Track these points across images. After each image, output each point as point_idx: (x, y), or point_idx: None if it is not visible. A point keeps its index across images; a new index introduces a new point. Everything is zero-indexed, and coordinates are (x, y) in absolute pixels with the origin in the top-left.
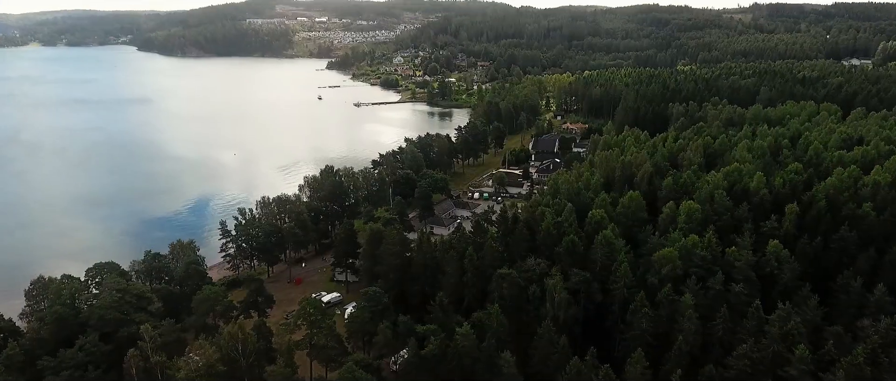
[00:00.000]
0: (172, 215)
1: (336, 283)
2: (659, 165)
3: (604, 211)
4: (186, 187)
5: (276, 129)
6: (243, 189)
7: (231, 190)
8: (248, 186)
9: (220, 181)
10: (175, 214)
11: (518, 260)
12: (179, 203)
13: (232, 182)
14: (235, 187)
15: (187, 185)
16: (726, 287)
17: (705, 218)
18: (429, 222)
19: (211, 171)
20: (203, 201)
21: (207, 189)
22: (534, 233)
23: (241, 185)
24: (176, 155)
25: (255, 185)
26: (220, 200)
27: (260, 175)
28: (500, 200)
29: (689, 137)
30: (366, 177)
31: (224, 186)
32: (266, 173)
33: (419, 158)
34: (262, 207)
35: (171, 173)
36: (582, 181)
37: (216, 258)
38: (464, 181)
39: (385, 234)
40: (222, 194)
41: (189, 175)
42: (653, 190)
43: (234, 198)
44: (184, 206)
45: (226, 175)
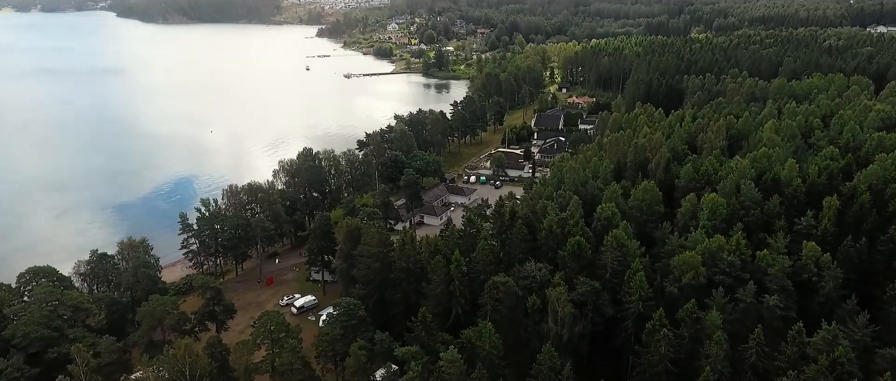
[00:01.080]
0: (137, 202)
1: (312, 283)
2: (676, 149)
3: (614, 205)
4: (157, 169)
5: (258, 103)
6: (218, 172)
7: (205, 173)
8: (224, 169)
9: (194, 163)
10: (141, 201)
11: (516, 264)
12: (147, 188)
13: (207, 164)
14: (210, 170)
15: (158, 166)
16: (758, 299)
17: (731, 214)
18: (419, 211)
19: (185, 151)
20: (173, 185)
21: (179, 172)
22: (534, 231)
23: (216, 167)
24: (148, 132)
25: (232, 167)
26: (192, 184)
27: (237, 156)
28: (499, 184)
29: (709, 115)
30: (349, 160)
31: (198, 168)
32: (243, 154)
33: (410, 138)
34: (228, 196)
35: (142, 153)
36: (589, 168)
37: (179, 255)
38: (459, 162)
39: (363, 231)
40: (196, 178)
41: (161, 155)
42: (669, 179)
43: (208, 182)
44: (152, 191)
45: (201, 156)
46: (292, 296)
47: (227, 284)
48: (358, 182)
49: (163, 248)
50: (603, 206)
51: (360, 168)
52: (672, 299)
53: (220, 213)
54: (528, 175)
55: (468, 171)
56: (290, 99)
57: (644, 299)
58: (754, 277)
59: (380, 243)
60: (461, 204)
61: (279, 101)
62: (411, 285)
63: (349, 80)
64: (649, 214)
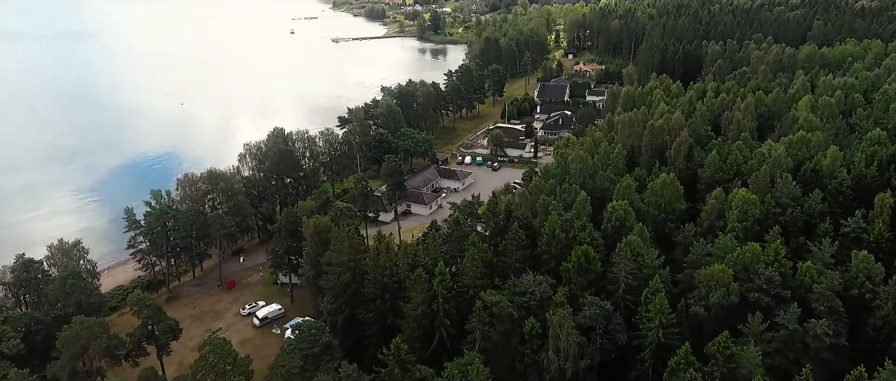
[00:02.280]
0: (93, 188)
1: (279, 287)
2: (698, 131)
3: (627, 203)
4: (118, 148)
5: (235, 73)
6: (186, 152)
7: (171, 153)
8: (192, 149)
9: (160, 141)
10: (96, 185)
11: (511, 275)
12: (104, 170)
13: (174, 143)
14: (177, 150)
15: (120, 144)
16: (803, 324)
17: (766, 214)
18: (406, 199)
19: (152, 127)
20: (134, 168)
21: (144, 152)
22: (533, 234)
23: (184, 147)
24: (113, 104)
25: (201, 146)
26: (154, 167)
27: (207, 134)
28: (497, 165)
29: (734, 89)
30: (328, 140)
31: (164, 147)
32: (215, 132)
33: (397, 114)
34: (183, 186)
35: (103, 129)
36: (598, 155)
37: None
38: (454, 140)
39: (332, 232)
40: (160, 159)
41: (124, 132)
42: (691, 168)
43: (172, 164)
44: (109, 175)
45: (169, 133)
46: (255, 304)
47: (182, 288)
48: (337, 165)
49: (117, 243)
50: (614, 204)
51: (340, 149)
52: (698, 322)
53: (173, 207)
54: (530, 155)
55: (463, 150)
56: (270, 68)
57: (665, 325)
58: (795, 293)
59: (351, 248)
60: (454, 189)
61: (258, 70)
62: (387, 303)
63: (337, 45)
64: (668, 212)
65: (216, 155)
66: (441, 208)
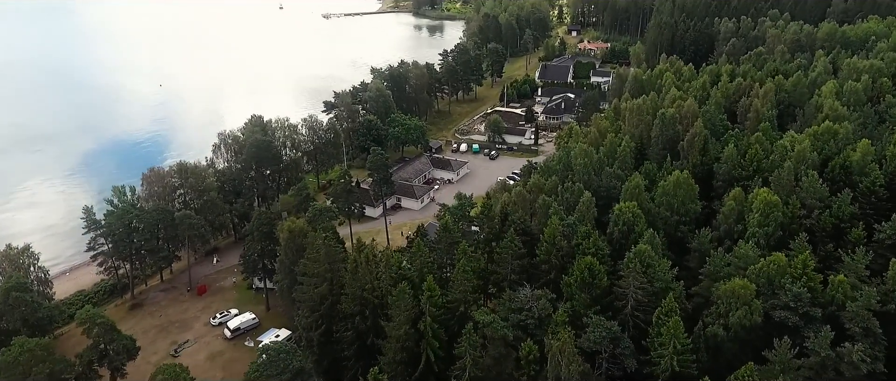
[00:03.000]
0: (58, 179)
1: (255, 293)
2: (713, 120)
3: (636, 205)
4: (89, 134)
5: (218, 51)
6: (162, 139)
7: (145, 141)
8: (169, 136)
9: (135, 126)
10: (63, 177)
11: (506, 288)
12: (73, 159)
13: (150, 129)
14: (153, 137)
15: (91, 130)
16: (836, 348)
17: (791, 217)
18: (395, 192)
19: (127, 110)
20: (105, 156)
21: (116, 138)
22: (532, 240)
23: (159, 133)
24: (87, 84)
25: (179, 131)
26: (127, 156)
27: (186, 119)
28: (495, 154)
29: (751, 73)
30: (312, 127)
31: (138, 133)
32: (194, 117)
33: (387, 98)
34: (149, 182)
35: (73, 112)
36: (604, 148)
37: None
38: (449, 125)
39: (309, 237)
40: (134, 147)
41: (97, 115)
42: (707, 162)
43: (145, 154)
44: (78, 163)
45: (145, 118)
46: (227, 312)
47: (148, 293)
48: (322, 154)
49: (84, 241)
50: (622, 206)
51: (325, 137)
52: (716, 344)
53: (137, 204)
54: (530, 142)
55: (458, 136)
56: (256, 46)
57: (680, 351)
58: (826, 311)
59: (328, 257)
60: (448, 181)
61: (243, 48)
62: (367, 321)
63: (328, 21)
64: (682, 213)
65: (193, 142)
66: (433, 202)
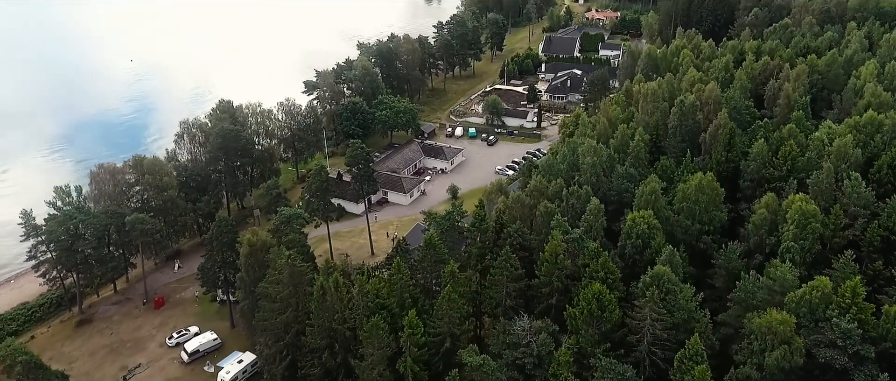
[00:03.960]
0: (12, 169)
1: (219, 305)
2: (739, 108)
3: (653, 214)
4: (48, 118)
5: (190, 23)
6: (130, 125)
7: (111, 125)
8: (139, 121)
9: (100, 107)
10: (14, 164)
11: (500, 318)
12: (30, 146)
13: (118, 110)
14: (120, 120)
15: (52, 113)
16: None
17: (833, 229)
18: (382, 185)
19: (93, 88)
20: (64, 143)
21: (78, 121)
22: (531, 255)
23: (127, 117)
24: (48, 58)
25: (149, 112)
26: (89, 143)
27: (159, 100)
28: (493, 139)
29: (778, 50)
30: (289, 112)
31: (104, 116)
32: (167, 98)
33: (375, 77)
34: (98, 181)
35: (32, 92)
36: (615, 141)
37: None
38: (443, 106)
39: (272, 253)
40: (99, 131)
41: (59, 94)
42: (732, 159)
43: (109, 141)
44: (38, 153)
45: (111, 97)
46: (185, 330)
47: (99, 307)
48: (301, 142)
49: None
50: (636, 216)
51: (305, 122)
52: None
53: (84, 207)
54: (532, 125)
55: (454, 119)
56: (235, 19)
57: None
58: (879, 347)
59: (292, 279)
60: (440, 171)
61: (221, 21)
62: (337, 357)
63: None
64: (705, 222)
65: (164, 126)
66: (424, 196)
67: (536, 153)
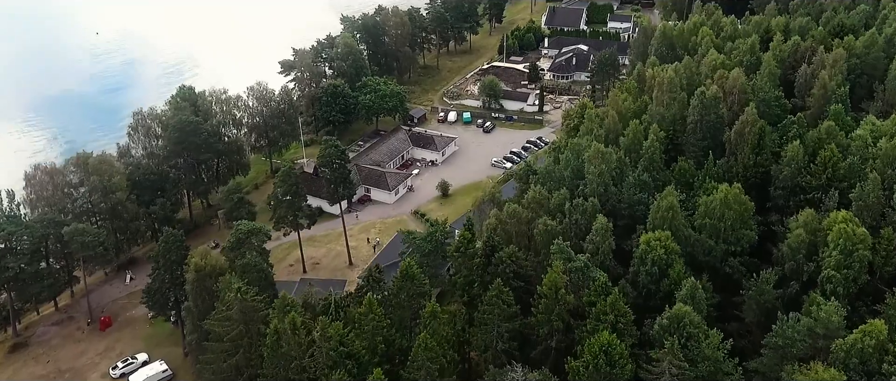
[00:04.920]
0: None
1: (173, 326)
2: (768, 99)
3: (670, 236)
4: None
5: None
6: (95, 105)
7: (77, 110)
8: (105, 99)
9: (64, 87)
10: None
11: (490, 366)
12: None
13: (85, 92)
14: (87, 106)
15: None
16: None
17: (884, 256)
18: (364, 181)
19: (55, 67)
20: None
21: (40, 102)
22: (528, 285)
23: (94, 94)
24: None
25: (116, 92)
26: (50, 132)
27: (130, 81)
28: (490, 125)
29: (809, 26)
30: (262, 98)
31: (69, 100)
32: (139, 78)
33: (359, 55)
34: (34, 185)
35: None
36: (626, 140)
37: None
38: (436, 85)
39: (221, 284)
40: (66, 115)
41: (15, 74)
42: (762, 162)
43: (76, 129)
44: None
45: (77, 78)
46: (132, 359)
47: (37, 328)
48: (275, 131)
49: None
50: (651, 238)
51: (279, 108)
52: None
53: (15, 215)
54: (534, 109)
55: (447, 101)
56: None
57: None
58: None
59: (243, 316)
60: (430, 163)
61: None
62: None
63: None
64: (732, 241)
65: (125, 111)
66: (411, 193)
67: (537, 142)
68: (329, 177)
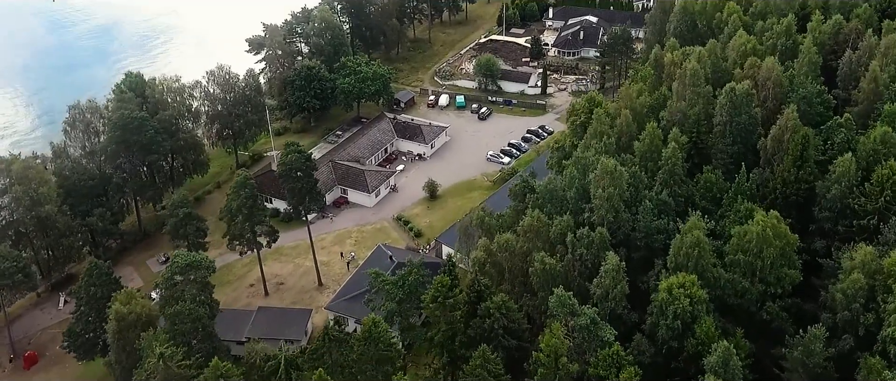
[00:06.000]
0: None
1: (109, 369)
2: (809, 97)
3: (696, 281)
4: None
5: None
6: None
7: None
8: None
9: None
10: None
11: None
12: None
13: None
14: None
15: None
16: None
17: None
18: (339, 181)
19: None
20: None
21: None
22: (521, 342)
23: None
24: None
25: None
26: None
27: (80, 60)
28: (486, 111)
29: (852, 2)
30: (225, 84)
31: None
32: (105, 55)
33: (338, 31)
34: None
35: None
36: (643, 145)
37: None
38: (427, 62)
39: (144, 340)
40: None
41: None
42: (803, 177)
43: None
44: None
45: (33, 52)
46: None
47: None
48: (240, 121)
49: None
50: (674, 283)
51: (244, 95)
52: None
53: None
54: (536, 91)
55: (439, 81)
56: None
57: None
58: None
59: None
60: (417, 157)
61: None
62: None
63: None
64: (771, 283)
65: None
66: (395, 193)
67: (539, 132)
68: (292, 189)
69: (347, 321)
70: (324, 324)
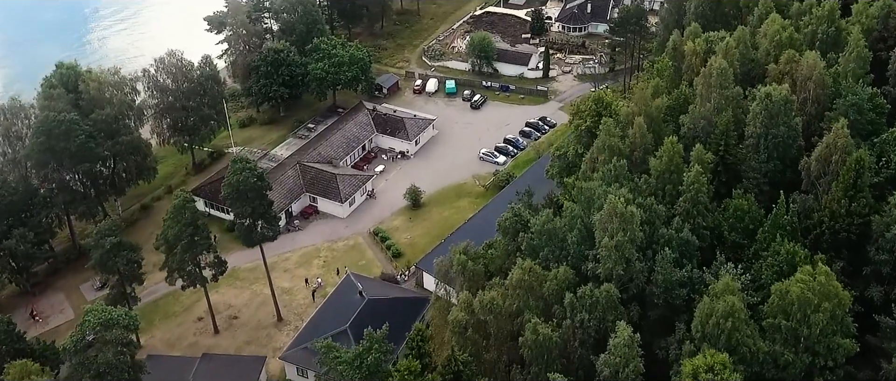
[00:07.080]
0: None
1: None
2: (859, 102)
3: (728, 361)
4: None
5: None
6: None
7: None
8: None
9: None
10: None
11: None
12: None
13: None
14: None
15: None
16: None
17: None
18: (308, 188)
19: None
20: None
21: None
22: None
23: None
24: None
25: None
26: None
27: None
28: (480, 98)
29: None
30: (179, 74)
31: None
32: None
33: (310, 4)
34: None
35: None
36: (660, 163)
37: None
38: (416, 36)
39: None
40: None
41: None
42: (858, 211)
43: None
44: None
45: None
46: None
47: None
48: (196, 116)
49: None
50: (700, 366)
51: (200, 85)
52: None
53: None
54: (537, 73)
55: (427, 62)
56: None
57: None
58: None
59: None
60: (400, 155)
61: None
62: None
63: None
64: (820, 353)
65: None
66: (372, 200)
67: (540, 124)
68: (240, 214)
69: (307, 374)
70: (279, 375)
